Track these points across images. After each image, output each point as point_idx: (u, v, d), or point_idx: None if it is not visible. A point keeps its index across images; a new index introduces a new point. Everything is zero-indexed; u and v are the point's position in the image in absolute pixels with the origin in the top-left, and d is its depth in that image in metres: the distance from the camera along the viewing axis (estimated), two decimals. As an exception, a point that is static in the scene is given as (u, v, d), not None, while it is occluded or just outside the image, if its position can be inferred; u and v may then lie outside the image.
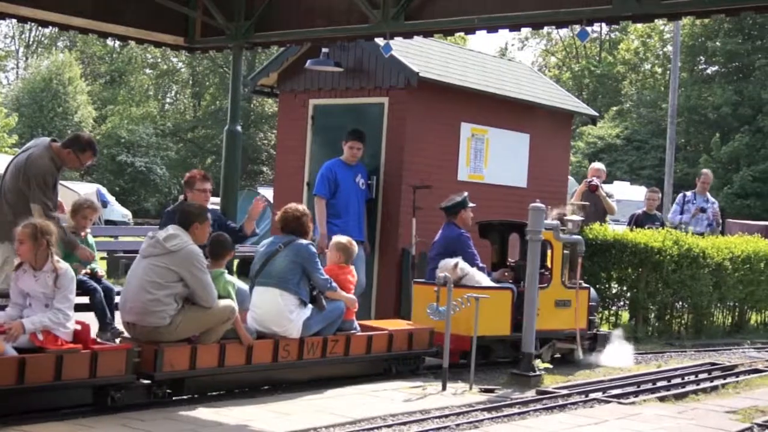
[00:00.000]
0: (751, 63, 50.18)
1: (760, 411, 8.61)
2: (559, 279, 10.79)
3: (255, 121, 53.68)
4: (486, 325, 9.76)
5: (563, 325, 10.80)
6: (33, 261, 7.16)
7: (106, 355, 7.17)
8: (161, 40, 11.67)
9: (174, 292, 7.70)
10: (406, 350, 9.47)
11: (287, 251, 8.69)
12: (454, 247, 10.56)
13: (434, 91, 12.07)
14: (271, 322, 8.51)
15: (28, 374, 6.68)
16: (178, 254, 7.73)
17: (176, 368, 7.64)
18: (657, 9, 8.55)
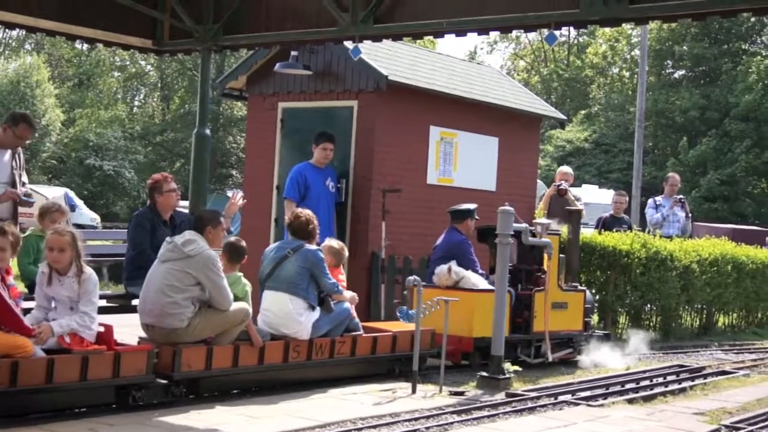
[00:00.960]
0: (717, 67, 50.61)
1: (728, 413, 8.67)
2: (555, 282, 11.07)
3: (224, 124, 53.49)
4: (485, 326, 9.97)
5: (560, 327, 11.13)
6: (64, 267, 7.35)
7: (128, 356, 7.47)
8: (129, 42, 11.61)
9: (191, 295, 7.98)
10: (409, 351, 9.53)
11: (296, 257, 8.96)
12: (456, 252, 10.86)
13: (403, 94, 12.08)
14: (281, 325, 8.80)
15: (57, 374, 6.96)
16: (196, 258, 7.98)
17: (193, 368, 7.95)
18: (624, 13, 8.59)
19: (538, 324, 10.77)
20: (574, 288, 11.53)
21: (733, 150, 46.71)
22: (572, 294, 11.42)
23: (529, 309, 10.90)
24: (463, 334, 10.20)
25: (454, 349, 10.02)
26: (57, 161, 51.11)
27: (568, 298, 11.32)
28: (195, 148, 11.24)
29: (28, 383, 6.83)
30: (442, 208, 12.37)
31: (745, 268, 16.20)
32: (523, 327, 10.89)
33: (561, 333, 11.21)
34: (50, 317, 7.34)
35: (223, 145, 52.65)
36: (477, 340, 10.28)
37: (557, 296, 11.12)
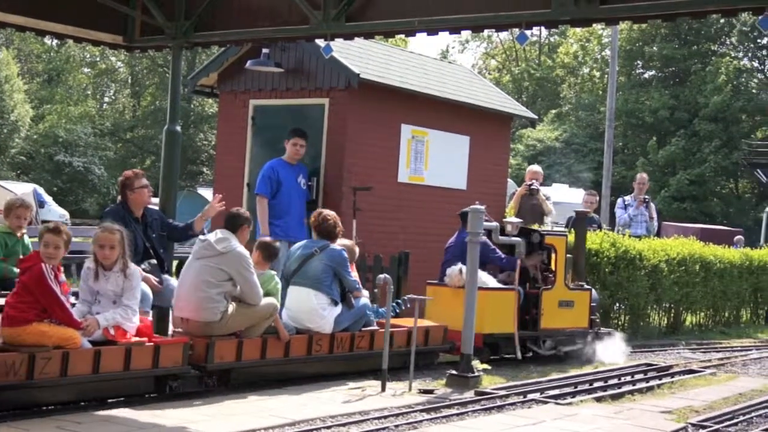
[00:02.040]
0: (687, 68, 50.95)
1: (695, 411, 8.74)
2: (562, 281, 11.63)
3: (195, 121, 53.30)
4: (493, 323, 10.77)
5: (566, 324, 11.67)
6: (111, 263, 7.80)
7: (167, 348, 7.95)
8: (100, 38, 11.53)
9: (224, 290, 8.46)
10: (423, 346, 10.07)
11: (322, 255, 9.46)
12: None
13: (375, 92, 12.09)
14: (306, 320, 9.27)
15: (103, 364, 7.43)
16: (228, 255, 8.47)
17: (225, 360, 8.41)
18: (595, 13, 8.63)
19: (546, 321, 11.34)
20: (581, 287, 11.97)
21: (702, 150, 47.05)
22: (578, 293, 11.86)
23: (537, 306, 11.34)
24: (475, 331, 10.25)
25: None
26: (26, 157, 50.74)
27: (575, 296, 11.78)
28: (165, 145, 11.19)
29: (77, 373, 7.28)
30: (413, 207, 12.42)
31: (712, 267, 16.34)
32: (531, 324, 11.36)
33: (568, 330, 11.67)
34: (94, 310, 7.72)
35: (194, 143, 52.48)
36: (486, 336, 10.75)
37: (564, 295, 11.63)
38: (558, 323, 11.55)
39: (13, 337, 7.20)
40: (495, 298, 10.91)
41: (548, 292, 11.46)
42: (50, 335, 7.23)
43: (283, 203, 11.32)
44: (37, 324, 7.21)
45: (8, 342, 7.20)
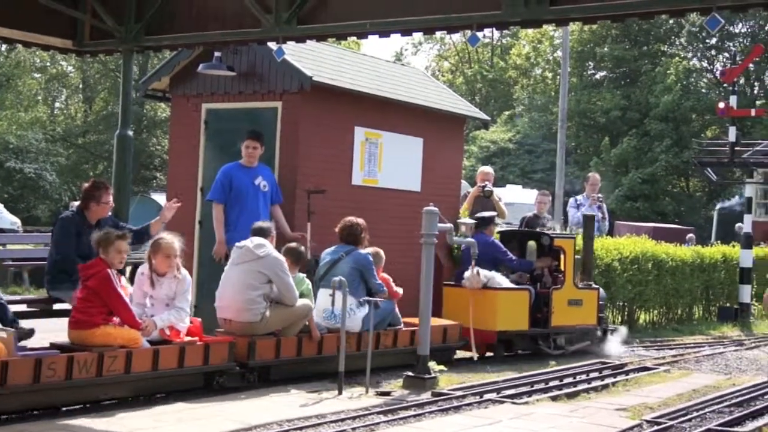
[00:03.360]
0: (638, 68, 51.40)
1: (650, 408, 8.83)
2: (571, 281, 12.49)
3: (147, 126, 52.85)
4: (508, 320, 11.74)
5: (576, 322, 12.52)
6: (165, 270, 8.50)
7: (215, 346, 8.72)
8: (49, 43, 11.42)
9: (264, 292, 9.18)
10: (441, 343, 10.95)
11: (348, 259, 10.21)
12: (489, 251, 12.17)
13: (328, 95, 12.07)
14: (337, 320, 9.69)
15: (161, 362, 8.18)
16: (266, 259, 9.21)
17: (265, 357, 9.17)
18: (545, 14, 8.70)
19: (556, 319, 12.19)
20: (589, 286, 12.80)
21: (654, 149, 47.48)
22: (587, 292, 12.71)
23: (548, 305, 12.17)
24: (488, 328, 11.54)
25: (479, 342, 11.26)
26: (-25, 164, 50.07)
27: (583, 295, 12.62)
28: (117, 150, 11.12)
29: (139, 370, 8.01)
30: (367, 209, 12.38)
31: (665, 265, 16.51)
32: (542, 322, 12.17)
33: (577, 327, 12.54)
34: (147, 313, 8.39)
35: (146, 147, 52.02)
36: (500, 333, 11.70)
37: (573, 294, 12.47)
38: (568, 321, 12.41)
39: (81, 339, 7.93)
40: (508, 297, 11.86)
41: (558, 291, 12.30)
42: (116, 336, 7.98)
43: (237, 207, 11.19)
44: (104, 327, 7.94)
45: (76, 343, 7.94)
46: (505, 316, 11.74)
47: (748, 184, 22.01)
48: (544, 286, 12.41)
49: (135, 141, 11.65)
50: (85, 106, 60.24)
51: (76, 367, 7.60)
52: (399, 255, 11.73)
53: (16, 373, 7.23)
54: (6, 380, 7.15)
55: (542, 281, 12.51)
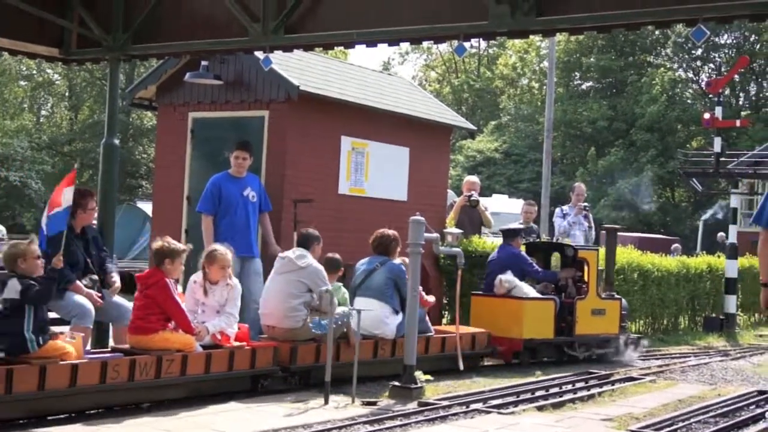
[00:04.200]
0: (624, 79, 51.64)
1: (635, 418, 8.82)
2: (594, 291, 12.93)
3: (134, 134, 52.80)
4: (534, 329, 12.18)
5: (599, 330, 12.98)
6: (216, 276, 9.06)
7: (261, 351, 9.20)
8: (36, 51, 11.40)
9: (305, 300, 9.63)
10: (470, 350, 11.54)
11: (383, 269, 10.64)
12: (513, 262, 12.64)
13: (314, 104, 12.08)
14: (371, 327, 10.32)
15: (213, 366, 8.69)
16: (307, 270, 9.71)
17: (306, 362, 9.61)
18: (532, 25, 8.73)
19: (580, 328, 12.64)
20: (611, 296, 13.27)
21: (639, 160, 47.64)
22: (610, 302, 13.18)
23: (572, 314, 12.61)
24: (514, 336, 12.05)
25: (506, 349, 12.01)
26: (-39, 172, 49.90)
27: (606, 305, 13.09)
28: (103, 158, 11.08)
29: (193, 373, 8.52)
30: (353, 218, 12.41)
31: (650, 275, 16.54)
32: (566, 330, 12.62)
33: (600, 335, 13.00)
34: (198, 319, 8.86)
35: (133, 156, 51.95)
36: (526, 341, 12.11)
37: (596, 303, 12.93)
38: (591, 329, 12.85)
39: (141, 344, 8.42)
40: (535, 306, 12.33)
41: (582, 301, 12.75)
42: (173, 341, 8.48)
43: (227, 218, 11.13)
44: (162, 332, 8.44)
45: (136, 347, 8.43)
46: (531, 324, 12.19)
47: (733, 195, 22.07)
48: (568, 296, 12.89)
49: (121, 149, 11.63)
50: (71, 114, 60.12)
51: (138, 369, 8.12)
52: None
53: (85, 374, 7.76)
54: (76, 381, 7.69)
55: (566, 291, 12.98)
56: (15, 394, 7.30)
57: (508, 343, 12.01)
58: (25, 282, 7.66)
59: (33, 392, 7.44)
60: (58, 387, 7.59)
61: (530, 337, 12.16)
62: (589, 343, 12.91)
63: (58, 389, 7.59)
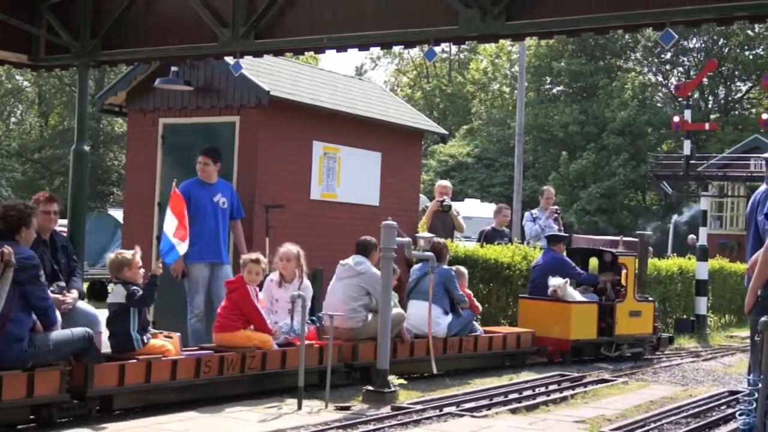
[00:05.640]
0: (594, 83, 51.82)
1: (608, 419, 8.87)
2: (632, 294, 13.85)
3: (104, 141, 52.53)
4: (580, 330, 13.16)
5: (635, 331, 13.93)
6: (290, 275, 10.04)
7: (327, 349, 9.59)
8: (3, 57, 11.32)
9: (364, 303, 10.59)
10: (515, 349, 12.59)
11: (434, 273, 11.06)
12: (558, 267, 13.51)
13: (285, 109, 12.07)
14: (424, 326, 11.00)
15: (287, 362, 9.53)
16: (366, 275, 10.58)
17: (366, 359, 10.33)
18: (501, 30, 8.76)
19: (619, 329, 13.57)
20: (645, 299, 14.30)
21: (611, 164, 47.84)
22: (645, 304, 14.16)
23: (612, 316, 13.52)
24: (562, 337, 13.00)
25: (554, 349, 12.95)
26: (-71, 180, 49.43)
27: (642, 307, 14.02)
28: (73, 165, 11.01)
29: (271, 368, 9.44)
30: (326, 224, 12.40)
31: (623, 278, 16.59)
32: (606, 331, 13.48)
33: (636, 336, 13.96)
34: (272, 318, 9.77)
35: (103, 162, 51.67)
36: (573, 342, 13.05)
37: (633, 306, 13.84)
38: (629, 330, 13.79)
39: (225, 341, 9.42)
40: (580, 309, 13.27)
41: (621, 304, 13.64)
42: (253, 339, 9.44)
43: (195, 223, 11.04)
44: (243, 331, 9.42)
45: (220, 345, 9.42)
46: (577, 326, 13.12)
47: (702, 198, 22.23)
48: (607, 299, 13.75)
49: (92, 156, 11.57)
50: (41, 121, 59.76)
51: (226, 364, 9.06)
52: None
53: (182, 370, 8.69)
54: (175, 375, 8.63)
55: (606, 294, 13.81)
56: (126, 386, 8.25)
57: (555, 344, 12.97)
58: (130, 288, 8.62)
59: (141, 384, 8.38)
60: (162, 380, 8.55)
61: (576, 338, 13.09)
62: (627, 343, 13.77)
63: (163, 381, 8.56)
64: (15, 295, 7.42)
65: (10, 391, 7.35)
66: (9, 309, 7.39)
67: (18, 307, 7.47)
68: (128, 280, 8.68)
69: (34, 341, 7.58)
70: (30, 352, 7.52)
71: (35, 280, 7.61)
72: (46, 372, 7.66)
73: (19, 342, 7.46)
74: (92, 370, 7.96)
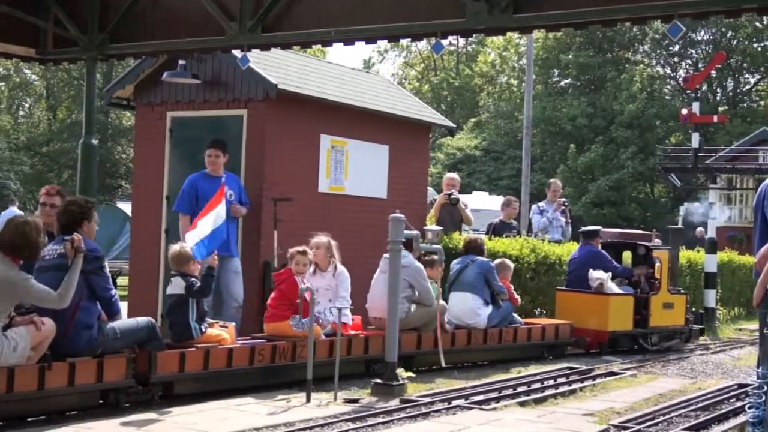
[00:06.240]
0: (602, 75, 51.72)
1: (617, 412, 8.86)
2: (666, 287, 14.27)
3: (113, 134, 52.59)
4: (617, 322, 13.57)
5: (669, 323, 14.37)
6: (323, 264, 10.43)
7: (374, 339, 10.43)
8: (12, 51, 11.36)
9: (407, 295, 10.79)
10: (554, 339, 12.98)
11: (474, 266, 12.02)
12: (595, 261, 13.91)
13: (293, 103, 12.06)
14: (465, 317, 11.77)
15: (335, 351, 9.48)
16: (409, 268, 10.74)
17: (408, 349, 10.76)
18: (509, 22, 8.75)
19: (653, 320, 14.01)
20: (678, 291, 14.75)
21: (619, 156, 47.76)
22: (677, 296, 14.59)
23: (646, 308, 13.94)
24: (600, 328, 13.43)
25: (592, 340, 13.41)
26: (-61, 174, 49.54)
27: (675, 299, 14.46)
28: (81, 158, 11.04)
29: (320, 357, 9.52)
30: (334, 216, 12.38)
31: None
32: (641, 322, 13.91)
33: (669, 327, 14.37)
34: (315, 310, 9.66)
35: (112, 156, 51.76)
36: (611, 333, 13.48)
37: (667, 298, 14.25)
38: (662, 322, 14.21)
39: (276, 331, 9.80)
40: (618, 301, 13.69)
41: (655, 296, 14.06)
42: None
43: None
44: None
45: (271, 334, 9.81)
46: (615, 318, 13.55)
47: (711, 190, 22.18)
48: (642, 291, 14.13)
49: (100, 149, 11.60)
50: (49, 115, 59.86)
51: (278, 353, 9.49)
52: (366, 262, 11.70)
53: (237, 358, 9.13)
54: (231, 363, 9.07)
55: (639, 287, 14.20)
56: (187, 372, 8.70)
57: (594, 335, 13.41)
58: (188, 279, 9.03)
59: (200, 371, 8.83)
60: (219, 367, 8.97)
61: (614, 329, 13.51)
62: (661, 334, 14.19)
63: (220, 368, 8.99)
64: (83, 285, 7.83)
65: (82, 376, 7.87)
66: (79, 298, 7.82)
67: (86, 296, 7.93)
68: (186, 272, 9.11)
69: (103, 329, 8.04)
70: (99, 339, 8.00)
71: (99, 271, 8.05)
72: (114, 359, 8.15)
73: (89, 329, 7.93)
74: (155, 358, 8.43)
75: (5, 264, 7.48)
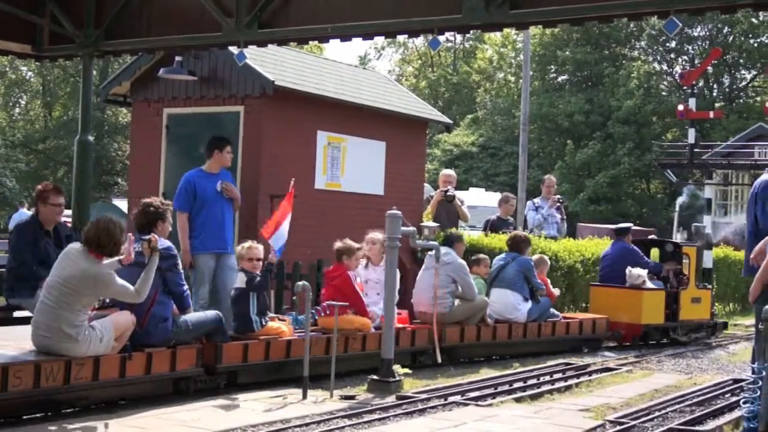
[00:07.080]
0: (599, 71, 51.74)
1: (612, 408, 8.87)
2: (693, 282, 14.96)
3: (109, 131, 52.56)
4: (650, 316, 14.18)
5: (696, 316, 15.05)
6: (376, 260, 10.72)
7: (419, 332, 11.08)
8: (8, 48, 11.34)
9: (450, 290, 11.42)
10: (591, 334, 13.61)
11: (514, 263, 12.52)
12: (628, 257, 14.52)
13: (290, 99, 12.06)
14: (505, 312, 12.36)
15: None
16: (452, 264, 11.44)
17: (452, 341, 11.48)
18: (505, 18, 8.75)
19: (683, 314, 14.65)
20: (704, 286, 15.47)
21: (616, 152, 47.78)
22: (704, 291, 15.28)
23: (677, 302, 14.59)
24: (634, 322, 14.02)
25: (627, 333, 14.00)
26: (-66, 171, 49.47)
27: (701, 294, 15.15)
28: (77, 155, 11.03)
29: (370, 349, 10.26)
30: (330, 213, 12.39)
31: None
32: (671, 316, 14.54)
33: (696, 321, 15.04)
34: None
35: (108, 153, 51.74)
36: (644, 327, 14.09)
37: (695, 293, 14.93)
38: (691, 316, 14.87)
39: (329, 324, 9.86)
40: (651, 296, 14.26)
41: (684, 291, 14.73)
42: (354, 322, 10.18)
43: (202, 214, 11.00)
44: (345, 315, 9.95)
45: (324, 327, 10.10)
46: (648, 312, 14.14)
47: (707, 186, 22.22)
48: (671, 286, 14.78)
49: (96, 146, 11.59)
50: (45, 112, 59.78)
51: (328, 346, 9.75)
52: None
53: (296, 349, 9.56)
54: (290, 353, 9.60)
55: (669, 282, 14.82)
56: (249, 363, 9.29)
57: (628, 328, 13.99)
58: (249, 274, 9.57)
59: (262, 361, 9.41)
60: (279, 357, 9.54)
61: (647, 323, 14.13)
62: (689, 327, 14.81)
63: (279, 359, 9.54)
64: (158, 281, 8.31)
65: (158, 365, 8.44)
66: (155, 293, 8.33)
67: (161, 291, 8.46)
68: (249, 269, 9.62)
69: (177, 322, 8.58)
70: (174, 331, 8.55)
71: (174, 268, 8.62)
72: (186, 350, 8.71)
73: (164, 322, 8.46)
74: (221, 349, 9.01)
75: (90, 260, 7.80)
